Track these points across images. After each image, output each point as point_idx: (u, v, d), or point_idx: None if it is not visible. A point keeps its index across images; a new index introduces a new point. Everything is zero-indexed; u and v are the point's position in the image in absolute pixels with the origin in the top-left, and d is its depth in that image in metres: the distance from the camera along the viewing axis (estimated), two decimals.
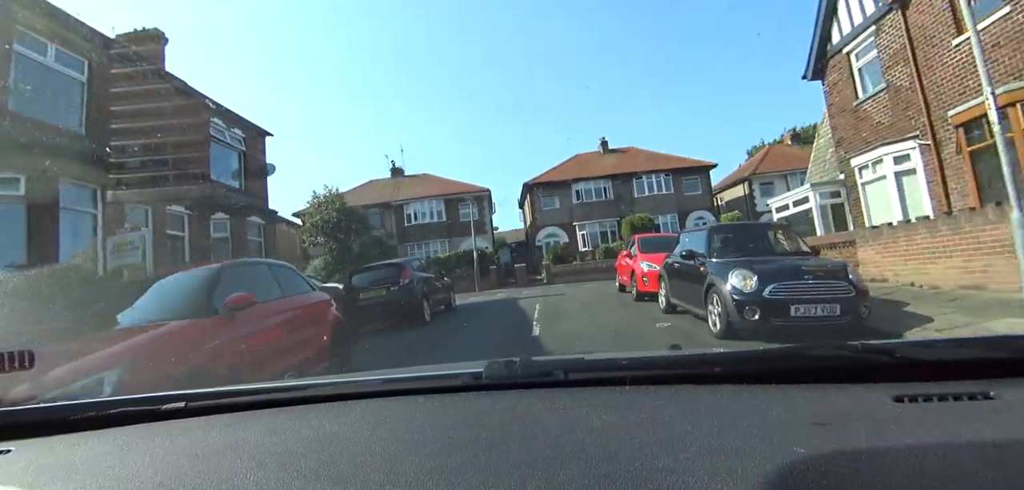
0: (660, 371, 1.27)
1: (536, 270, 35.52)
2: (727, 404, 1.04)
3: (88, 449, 1.12)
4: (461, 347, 9.67)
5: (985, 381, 1.00)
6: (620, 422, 0.98)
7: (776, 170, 40.24)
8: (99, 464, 1.01)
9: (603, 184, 36.60)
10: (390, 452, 0.93)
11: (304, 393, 1.39)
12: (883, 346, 1.15)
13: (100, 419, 1.30)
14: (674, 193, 36.95)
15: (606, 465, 0.80)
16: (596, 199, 36.16)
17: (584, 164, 38.71)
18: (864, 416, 0.91)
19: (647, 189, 36.55)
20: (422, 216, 35.57)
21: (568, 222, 36.35)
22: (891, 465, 0.74)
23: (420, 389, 1.31)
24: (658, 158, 39.09)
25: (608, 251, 32.71)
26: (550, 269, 31.91)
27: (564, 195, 36.69)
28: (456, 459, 0.87)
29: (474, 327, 12.76)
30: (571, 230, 36.19)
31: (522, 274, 31.96)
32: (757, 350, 1.26)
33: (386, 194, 37.04)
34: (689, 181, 38.14)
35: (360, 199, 36.53)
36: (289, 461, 0.93)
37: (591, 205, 35.95)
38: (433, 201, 35.76)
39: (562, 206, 36.65)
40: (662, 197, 36.27)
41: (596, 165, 38.40)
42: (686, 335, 7.72)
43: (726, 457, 0.79)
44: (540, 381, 1.25)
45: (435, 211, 35.70)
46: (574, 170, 37.84)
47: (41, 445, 1.19)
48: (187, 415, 1.30)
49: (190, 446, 1.07)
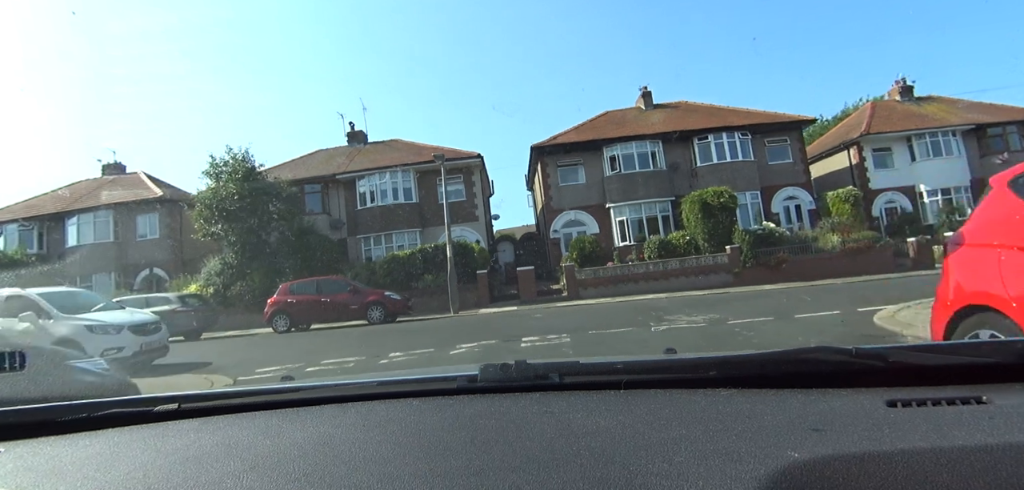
0: (655, 375, 1.28)
1: (551, 275, 23.79)
2: (722, 408, 1.04)
3: (78, 451, 1.10)
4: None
5: (978, 386, 1.02)
6: (615, 426, 0.98)
7: (894, 132, 28.13)
8: (89, 466, 1.01)
9: (650, 147, 24.74)
10: (384, 455, 0.92)
11: (298, 395, 1.38)
12: (876, 351, 1.14)
13: (91, 420, 1.27)
14: (755, 160, 24.99)
15: (601, 468, 0.80)
16: (640, 169, 24.31)
17: (619, 123, 26.89)
18: (858, 420, 0.92)
19: (714, 155, 24.62)
20: (383, 195, 24.06)
21: (598, 205, 24.60)
22: (884, 469, 0.75)
23: (415, 392, 1.31)
24: (727, 112, 27.13)
25: (664, 247, 20.87)
26: (574, 276, 20.18)
27: (592, 164, 24.93)
28: (450, 462, 0.87)
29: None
30: (603, 216, 24.44)
31: (529, 282, 20.31)
32: (752, 354, 1.26)
33: (335, 166, 25.60)
34: (774, 144, 26.17)
35: (297, 173, 25.19)
36: (282, 464, 0.92)
37: (633, 179, 24.12)
38: (399, 174, 24.23)
39: (590, 180, 24.88)
40: (736, 168, 24.32)
41: (637, 123, 26.57)
42: None
43: (720, 461, 0.80)
44: (535, 384, 1.25)
45: (402, 188, 24.17)
46: (606, 129, 26.04)
47: (30, 446, 1.17)
48: (180, 417, 1.28)
49: (182, 448, 1.06)
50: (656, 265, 20.46)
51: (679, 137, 24.92)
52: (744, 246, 20.32)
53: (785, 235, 22.17)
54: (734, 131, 24.90)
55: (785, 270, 20.30)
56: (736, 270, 20.20)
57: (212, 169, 21.44)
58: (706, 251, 20.86)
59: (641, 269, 20.47)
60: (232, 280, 20.35)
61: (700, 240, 21.03)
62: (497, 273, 26.24)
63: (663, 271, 20.28)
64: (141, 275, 26.68)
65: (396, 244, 23.20)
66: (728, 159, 24.47)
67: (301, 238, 21.14)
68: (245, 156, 21.56)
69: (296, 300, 15.93)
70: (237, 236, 20.69)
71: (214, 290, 20.32)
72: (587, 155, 24.90)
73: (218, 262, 20.94)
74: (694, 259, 20.45)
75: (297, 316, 15.97)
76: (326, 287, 16.23)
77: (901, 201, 27.61)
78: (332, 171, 24.76)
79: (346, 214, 24.82)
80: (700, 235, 20.97)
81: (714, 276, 20.19)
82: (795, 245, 21.39)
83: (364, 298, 15.80)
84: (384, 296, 16.02)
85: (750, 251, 20.30)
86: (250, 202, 20.46)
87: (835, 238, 21.39)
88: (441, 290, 18.67)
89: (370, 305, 15.73)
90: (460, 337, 11.16)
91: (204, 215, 21.03)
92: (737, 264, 20.28)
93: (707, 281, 20.08)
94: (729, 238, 20.77)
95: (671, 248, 21.13)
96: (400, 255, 20.49)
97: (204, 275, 21.01)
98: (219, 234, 20.92)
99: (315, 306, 15.82)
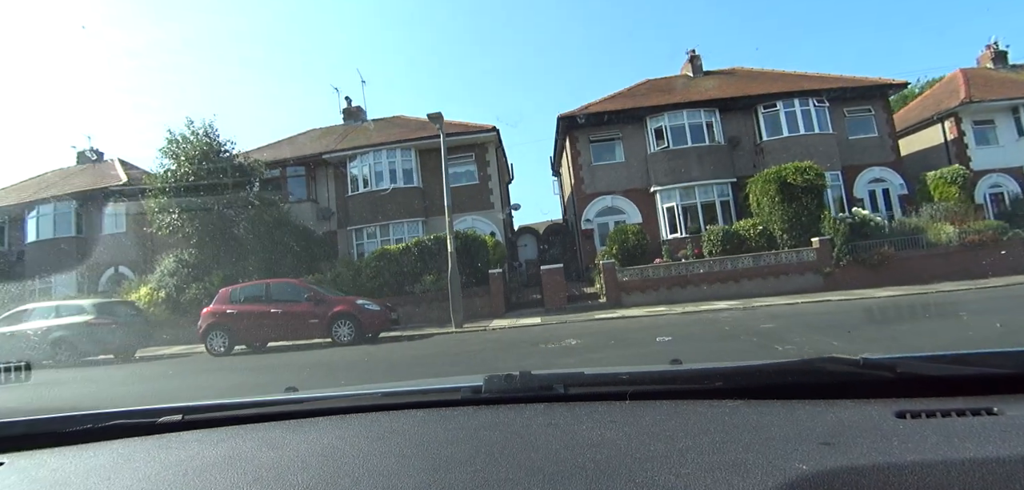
0: (661, 385, 1.26)
1: (582, 276, 19.41)
2: (728, 419, 1.02)
3: (82, 462, 1.11)
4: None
5: (988, 397, 1.00)
6: (620, 437, 0.97)
7: (1000, 100, 23.09)
8: (92, 478, 1.00)
9: (704, 117, 20.06)
10: (388, 467, 0.92)
11: (302, 407, 1.37)
12: (885, 361, 1.13)
13: (95, 432, 1.28)
14: (835, 134, 20.17)
15: (605, 480, 0.79)
16: (693, 144, 19.64)
17: (664, 90, 22.27)
18: (866, 432, 0.90)
19: (785, 126, 19.86)
20: (379, 179, 19.88)
21: (640, 189, 20.05)
22: (895, 482, 0.73)
23: (419, 403, 1.31)
24: (795, 77, 22.33)
25: (730, 239, 16.36)
26: (615, 277, 15.77)
27: (633, 139, 20.38)
28: (455, 474, 0.86)
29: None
30: (647, 202, 19.91)
31: (556, 285, 15.91)
32: (758, 364, 1.23)
33: (324, 146, 21.52)
34: (856, 115, 21.32)
35: (280, 155, 21.22)
36: (286, 476, 0.91)
37: (685, 156, 19.47)
38: (397, 153, 20.02)
39: (630, 159, 20.33)
40: (811, 142, 19.50)
41: (687, 91, 21.92)
42: None
43: (727, 472, 0.79)
44: (540, 395, 1.24)
45: (401, 170, 19.96)
46: (648, 97, 21.46)
47: (34, 458, 1.17)
48: (183, 428, 1.28)
49: (186, 460, 1.05)
50: (720, 263, 15.89)
51: (738, 107, 20.23)
52: (837, 238, 15.63)
53: (882, 226, 17.39)
54: (808, 96, 20.10)
55: (889, 269, 15.59)
56: (826, 269, 15.54)
57: (170, 147, 17.53)
58: (784, 244, 16.22)
59: (701, 269, 15.91)
60: (188, 282, 16.37)
61: (776, 230, 16.39)
62: (517, 273, 21.85)
63: (731, 271, 15.70)
64: (106, 274, 23.08)
65: (394, 237, 19.01)
66: (802, 131, 19.68)
67: (275, 230, 17.05)
68: (207, 130, 17.57)
69: (238, 311, 11.82)
70: (194, 228, 16.73)
71: (166, 294, 16.37)
72: (626, 128, 20.34)
73: (172, 260, 17.00)
74: (772, 255, 15.82)
75: (240, 332, 11.87)
76: (278, 293, 12.13)
77: (1009, 184, 22.51)
78: (319, 151, 20.65)
79: (336, 202, 20.74)
80: (776, 224, 16.33)
81: (797, 277, 15.56)
82: (897, 238, 16.63)
83: (328, 309, 11.61)
84: (355, 306, 11.81)
85: (844, 245, 15.61)
86: (210, 186, 16.46)
87: (950, 229, 16.57)
88: (444, 295, 14.42)
89: (336, 319, 11.57)
90: (455, 373, 6.85)
91: (159, 202, 17.14)
92: (827, 261, 15.61)
93: (789, 283, 15.46)
94: (815, 228, 16.11)
95: (738, 241, 16.52)
96: (391, 250, 16.23)
97: (157, 276, 17.10)
98: (176, 225, 16.99)
99: (264, 319, 11.72)
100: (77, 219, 23.67)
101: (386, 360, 9.19)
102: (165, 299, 16.37)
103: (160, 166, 17.67)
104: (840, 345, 6.92)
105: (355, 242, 19.90)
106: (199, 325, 11.94)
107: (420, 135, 20.08)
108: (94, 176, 25.67)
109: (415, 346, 10.56)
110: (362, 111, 25.20)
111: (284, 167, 20.51)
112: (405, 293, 15.67)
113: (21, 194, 25.84)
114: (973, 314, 8.63)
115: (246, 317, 11.62)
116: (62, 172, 27.84)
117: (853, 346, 6.88)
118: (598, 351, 8.15)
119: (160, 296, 16.46)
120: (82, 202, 23.61)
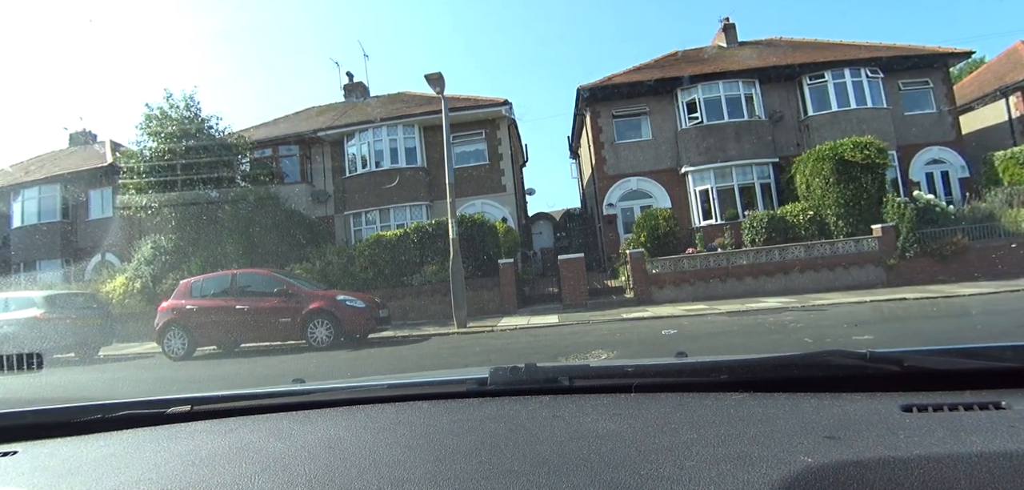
0: (666, 378, 1.25)
1: (604, 267, 17.48)
2: (733, 412, 1.01)
3: (93, 451, 1.10)
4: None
5: (996, 391, 0.98)
6: (625, 429, 0.96)
7: None
8: (103, 467, 1.00)
9: (743, 89, 17.86)
10: (394, 458, 0.91)
11: (309, 398, 1.35)
12: (891, 355, 1.10)
13: (105, 422, 1.28)
14: (889, 109, 17.86)
15: (611, 472, 0.79)
16: (730, 119, 17.46)
17: (695, 61, 20.06)
18: (872, 425, 0.89)
19: (834, 99, 17.58)
20: (379, 158, 18.02)
21: (669, 169, 17.95)
22: (900, 475, 0.73)
23: (425, 395, 1.29)
24: (842, 47, 19.98)
25: (775, 225, 14.29)
26: (643, 269, 13.81)
27: (661, 113, 18.26)
28: (460, 466, 0.86)
29: None
30: (677, 184, 17.81)
31: (576, 276, 13.96)
32: (764, 358, 1.23)
33: (321, 123, 19.69)
34: (912, 88, 18.95)
35: (273, 133, 19.48)
36: (293, 466, 0.91)
37: (721, 132, 17.31)
38: (399, 129, 18.12)
39: (658, 136, 18.22)
40: (863, 118, 17.20)
41: (721, 61, 19.70)
42: None
43: (732, 465, 0.78)
44: (545, 387, 1.22)
45: (404, 148, 18.08)
46: (678, 67, 19.26)
47: (46, 447, 1.17)
48: (192, 419, 1.28)
49: (194, 450, 1.04)
50: (767, 254, 13.81)
51: (784, 75, 17.99)
52: (903, 225, 13.45)
53: (949, 212, 15.15)
54: (859, 66, 17.80)
55: (962, 262, 13.41)
56: (891, 261, 13.39)
57: (148, 123, 15.84)
58: (839, 232, 14.08)
59: (743, 260, 13.85)
60: (165, 270, 14.71)
61: (829, 216, 14.24)
62: (531, 263, 19.92)
63: (779, 262, 13.61)
64: (93, 261, 21.60)
65: (396, 222, 17.16)
66: (853, 105, 17.40)
67: (259, 213, 15.29)
68: (188, 102, 15.83)
69: (198, 306, 10.05)
70: (173, 211, 15.04)
71: (142, 283, 14.73)
72: (654, 101, 18.22)
73: (149, 247, 15.35)
74: (827, 245, 13.69)
75: (202, 332, 10.05)
76: (246, 285, 10.25)
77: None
78: (314, 128, 18.83)
79: (333, 184, 18.94)
80: (830, 208, 14.18)
81: (856, 269, 13.44)
82: (969, 226, 14.40)
83: (303, 305, 9.78)
84: (335, 302, 9.85)
85: (911, 234, 13.43)
86: (188, 165, 14.75)
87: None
88: (446, 288, 12.57)
89: (312, 317, 9.72)
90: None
91: (136, 183, 15.49)
92: (891, 252, 13.45)
93: (846, 277, 13.35)
94: (874, 213, 13.95)
95: (784, 228, 14.40)
96: (387, 236, 14.36)
97: (133, 264, 15.47)
98: (153, 207, 15.34)
99: (229, 316, 9.89)
100: (62, 203, 22.24)
101: (359, 375, 7.35)
102: (140, 289, 14.74)
103: (139, 144, 16.04)
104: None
105: (353, 227, 18.10)
106: (156, 322, 10.16)
107: (424, 109, 18.16)
108: (84, 158, 24.22)
109: (401, 353, 8.70)
110: (364, 87, 23.33)
111: (276, 146, 18.75)
112: (403, 285, 13.85)
113: (9, 178, 24.49)
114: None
115: (209, 313, 9.84)
116: (53, 154, 26.45)
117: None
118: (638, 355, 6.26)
119: (136, 286, 14.83)
120: (67, 185, 22.15)
